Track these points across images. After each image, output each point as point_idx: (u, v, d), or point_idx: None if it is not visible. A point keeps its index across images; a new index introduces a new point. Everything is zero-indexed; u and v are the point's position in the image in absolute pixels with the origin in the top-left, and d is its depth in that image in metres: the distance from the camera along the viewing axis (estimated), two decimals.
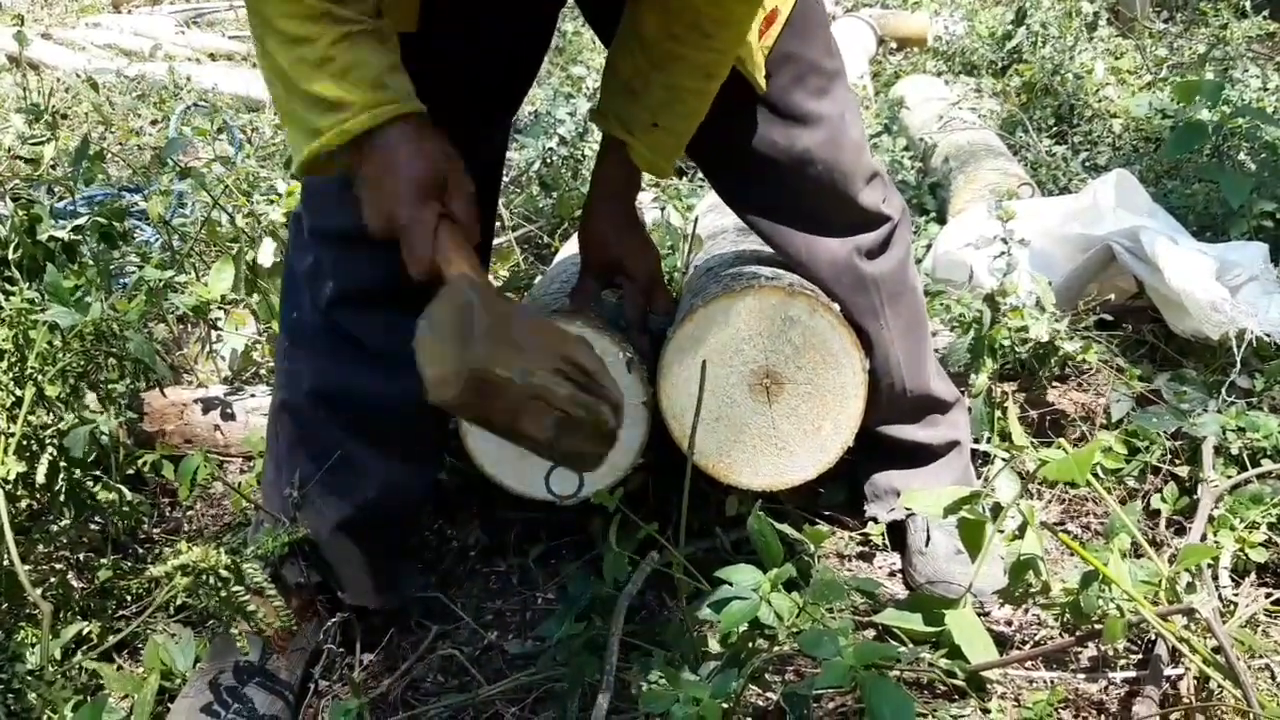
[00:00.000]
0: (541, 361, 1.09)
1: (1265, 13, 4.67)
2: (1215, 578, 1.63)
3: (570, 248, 2.37)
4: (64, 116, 4.56)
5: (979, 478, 1.90)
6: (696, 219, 2.26)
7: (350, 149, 1.21)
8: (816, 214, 1.63)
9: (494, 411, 1.09)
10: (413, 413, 1.58)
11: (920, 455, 1.81)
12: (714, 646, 1.53)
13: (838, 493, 1.89)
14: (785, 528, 1.52)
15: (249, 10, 1.22)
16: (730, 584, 1.42)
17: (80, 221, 2.13)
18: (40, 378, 1.62)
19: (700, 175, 3.56)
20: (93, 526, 1.82)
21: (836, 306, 1.61)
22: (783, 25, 1.51)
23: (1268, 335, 2.07)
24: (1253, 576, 1.68)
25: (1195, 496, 1.80)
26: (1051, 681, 1.51)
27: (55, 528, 1.72)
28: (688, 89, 1.45)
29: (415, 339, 1.10)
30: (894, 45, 5.59)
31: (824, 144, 1.58)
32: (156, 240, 2.74)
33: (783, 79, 1.54)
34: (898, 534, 1.83)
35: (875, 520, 1.84)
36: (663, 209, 2.71)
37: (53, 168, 2.62)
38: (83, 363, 1.73)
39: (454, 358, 1.06)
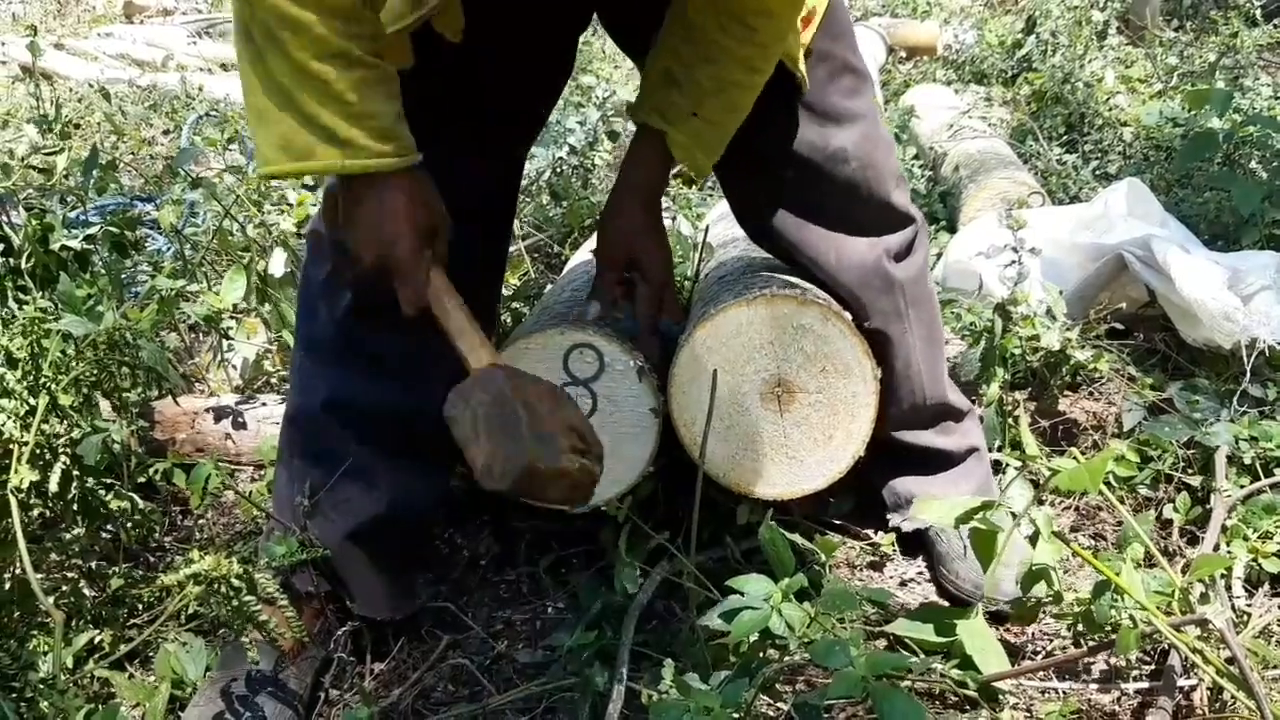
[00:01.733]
0: (563, 445, 1.26)
1: (1276, 21, 4.66)
2: (1229, 588, 1.62)
3: (581, 255, 2.37)
4: (77, 126, 4.58)
5: None
6: (708, 227, 2.26)
7: (340, 180, 1.30)
8: (849, 214, 1.62)
9: (526, 490, 1.26)
10: (426, 424, 1.58)
11: (940, 461, 1.80)
12: (725, 656, 1.52)
13: (847, 502, 1.89)
14: (796, 538, 1.52)
15: (252, 21, 1.22)
16: (741, 593, 1.42)
17: (92, 231, 2.14)
18: (54, 386, 1.62)
19: (711, 184, 3.57)
20: (105, 535, 1.82)
21: (849, 315, 1.61)
22: (817, 26, 1.51)
23: (1279, 343, 2.06)
24: (1266, 587, 1.67)
25: (1208, 506, 1.79)
26: (1064, 692, 1.51)
27: (68, 536, 1.72)
28: (732, 82, 1.43)
29: (450, 416, 1.28)
30: (904, 54, 5.60)
31: (859, 142, 1.58)
32: (169, 250, 2.75)
33: (817, 77, 1.54)
34: (915, 541, 1.82)
35: (899, 530, 1.82)
36: (674, 218, 2.71)
37: (65, 177, 2.63)
38: (95, 371, 1.73)
39: (504, 455, 1.23)
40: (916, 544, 1.83)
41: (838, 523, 1.88)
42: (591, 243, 2.33)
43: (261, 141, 1.26)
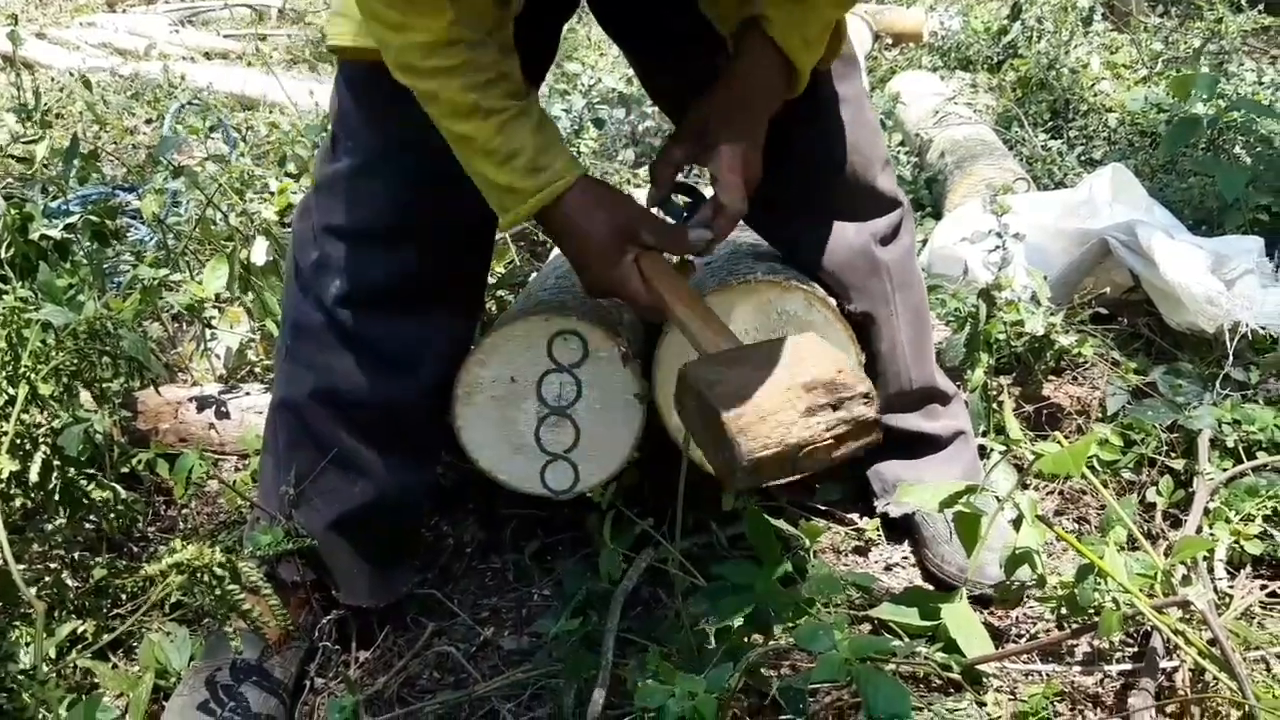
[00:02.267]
0: (792, 415, 1.13)
1: (1260, 6, 4.66)
2: (1211, 570, 1.63)
3: None
4: (59, 116, 4.55)
5: None
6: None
7: (538, 220, 1.35)
8: (834, 198, 1.62)
9: (779, 473, 1.15)
10: (416, 413, 1.58)
11: (926, 445, 1.80)
12: (710, 642, 1.53)
13: (833, 488, 1.89)
14: (781, 523, 1.52)
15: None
16: (726, 579, 1.42)
17: (72, 220, 2.13)
18: (33, 376, 1.61)
19: (696, 172, 3.56)
20: (87, 525, 1.81)
21: (832, 301, 1.61)
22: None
23: (1263, 328, 2.07)
24: (1248, 569, 1.68)
25: (1191, 489, 1.80)
26: (1047, 674, 1.51)
27: (50, 526, 1.72)
28: None
29: (685, 420, 1.25)
30: (889, 41, 5.59)
31: (847, 126, 1.57)
32: (151, 239, 2.73)
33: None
34: (900, 526, 1.83)
35: (885, 515, 1.82)
36: None
37: (45, 167, 2.61)
38: (76, 361, 1.72)
39: (729, 456, 1.12)
40: (902, 529, 1.83)
41: (823, 508, 1.88)
42: None
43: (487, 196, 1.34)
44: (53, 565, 1.72)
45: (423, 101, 1.28)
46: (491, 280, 2.39)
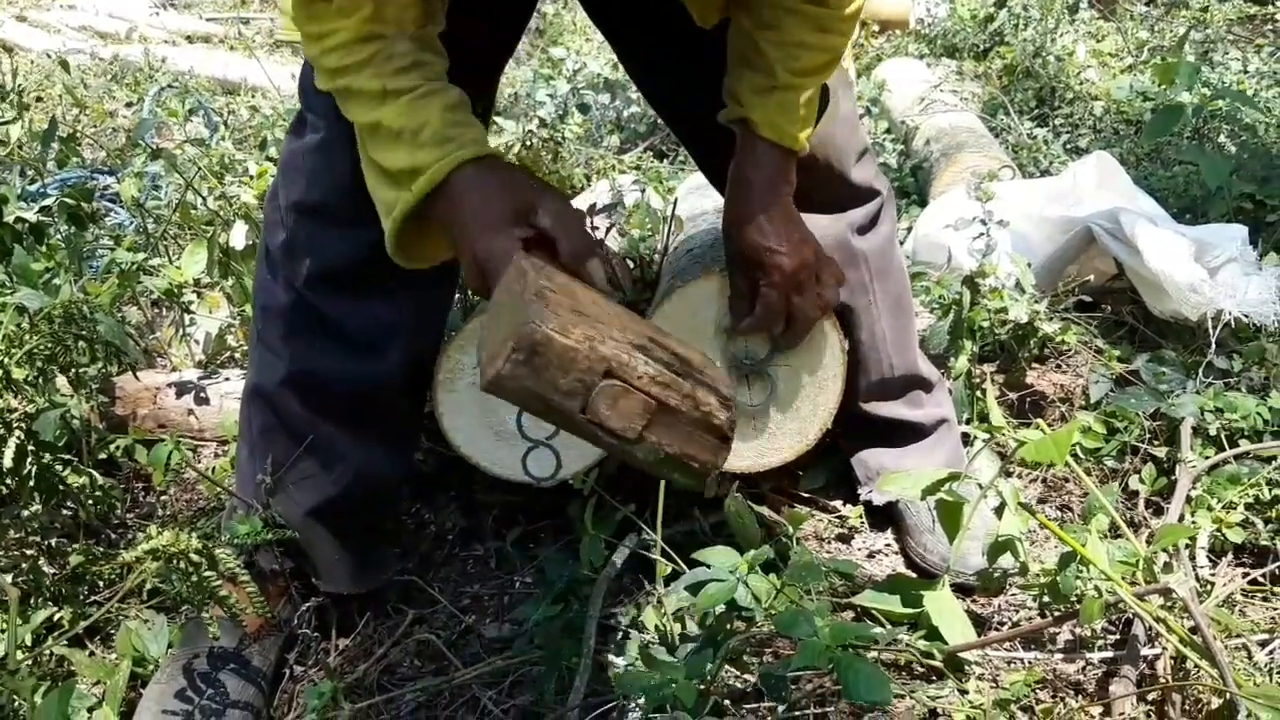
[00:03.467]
0: (616, 335, 0.91)
1: None
2: (1192, 558, 1.63)
3: None
4: (39, 99, 4.50)
5: None
6: (676, 200, 2.25)
7: (424, 213, 1.23)
8: (809, 190, 1.61)
9: (558, 393, 0.90)
10: (390, 396, 1.57)
11: (910, 433, 1.80)
12: (692, 628, 1.52)
13: (817, 476, 1.89)
14: (763, 509, 1.52)
15: (345, 108, 1.26)
16: (708, 565, 1.42)
17: (48, 203, 2.10)
18: (7, 360, 1.59)
19: (681, 158, 3.55)
20: (64, 511, 1.80)
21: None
22: None
23: (1245, 316, 2.07)
24: (1230, 557, 1.68)
25: (1173, 477, 1.80)
26: (1029, 662, 1.51)
27: (25, 513, 1.70)
28: (798, 43, 1.39)
29: (479, 336, 1.08)
30: (876, 28, 5.57)
31: (821, 118, 1.56)
32: (130, 223, 2.71)
33: None
34: (884, 514, 1.82)
35: (868, 503, 1.82)
36: (643, 191, 2.69)
37: (19, 148, 2.58)
38: (52, 345, 1.70)
39: (509, 332, 0.90)
40: (885, 517, 1.83)
41: (807, 496, 1.87)
42: None
43: (380, 212, 1.26)
44: (29, 552, 1.71)
45: (342, 105, 1.25)
46: None
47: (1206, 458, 1.83)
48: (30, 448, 1.64)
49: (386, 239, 1.25)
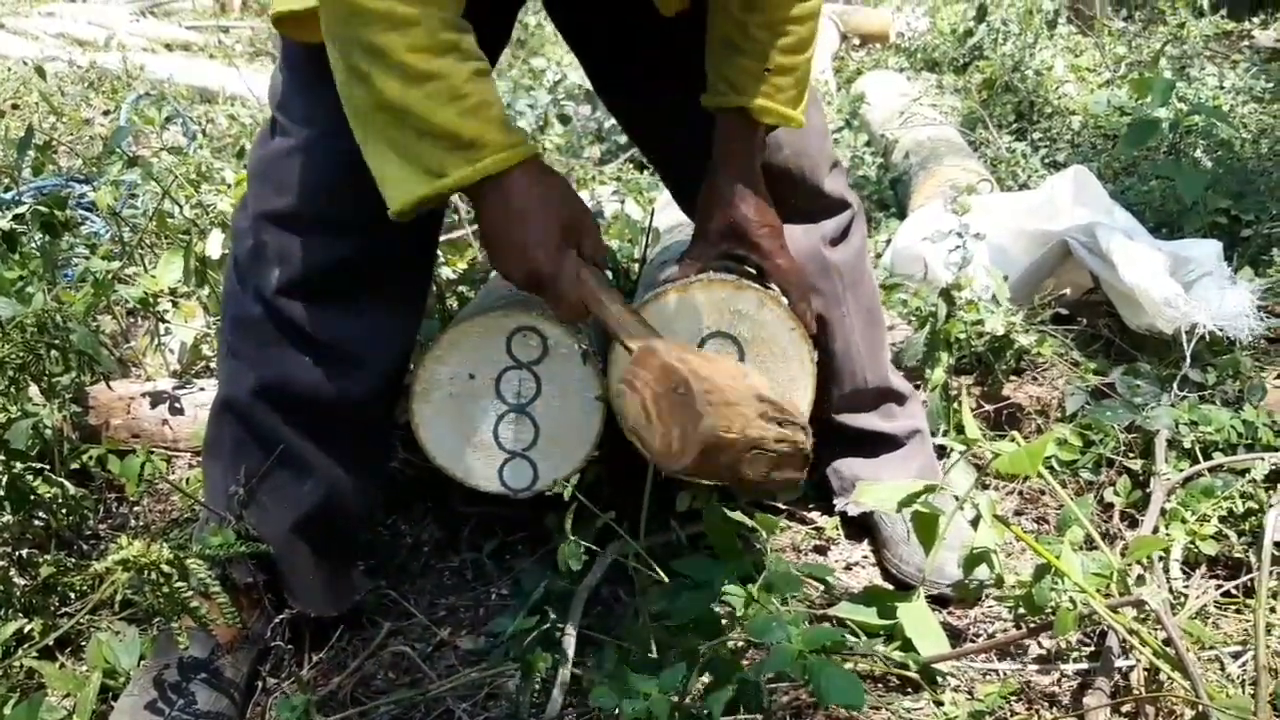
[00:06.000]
0: (750, 413, 1.16)
1: (1222, 12, 4.72)
2: (1166, 570, 1.64)
3: None
4: (15, 106, 4.47)
5: None
6: (653, 211, 2.25)
7: (469, 191, 1.22)
8: (782, 201, 1.61)
9: (719, 468, 1.16)
10: (361, 408, 1.55)
11: (883, 444, 1.81)
12: (669, 640, 1.51)
13: (795, 490, 1.88)
14: (739, 515, 1.52)
15: (353, 48, 1.18)
16: (686, 576, 1.41)
17: (22, 210, 2.08)
18: None
19: None
20: (36, 522, 1.78)
21: (785, 300, 1.60)
22: None
23: (1220, 330, 2.08)
24: (1203, 569, 1.69)
25: (1148, 489, 1.81)
26: (1004, 674, 1.51)
27: None
28: (787, 19, 1.39)
29: (619, 407, 1.23)
30: (856, 41, 5.61)
31: (791, 130, 1.56)
32: (106, 232, 2.69)
33: None
34: (860, 526, 1.82)
35: (845, 514, 1.82)
36: (622, 202, 2.70)
37: None
38: (24, 354, 1.69)
39: (682, 430, 1.14)
40: (861, 528, 1.83)
41: (783, 507, 1.87)
42: None
43: (392, 173, 1.21)
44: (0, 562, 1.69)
45: (387, 33, 1.15)
46: (452, 276, 2.37)
47: (1181, 470, 1.84)
48: (1, 457, 1.63)
49: (403, 193, 1.21)
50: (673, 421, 1.16)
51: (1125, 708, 1.40)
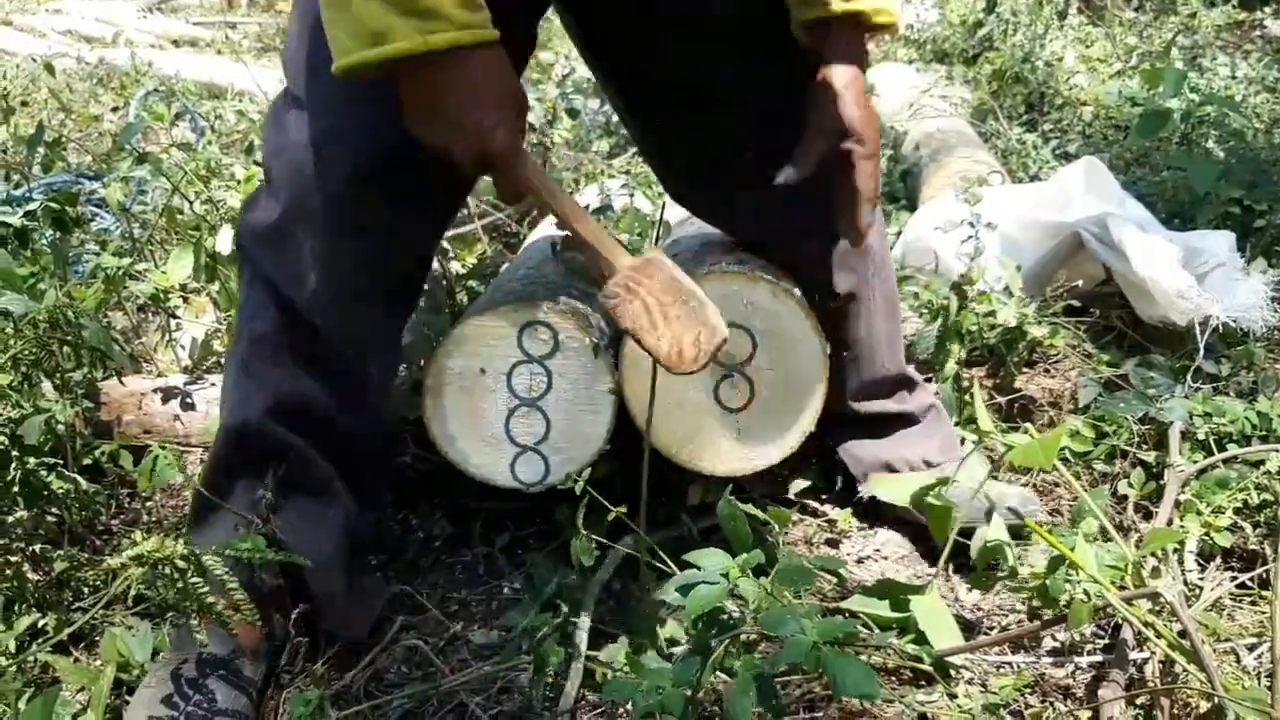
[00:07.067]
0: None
1: (1233, 2, 4.69)
2: (1181, 562, 1.63)
3: (538, 234, 2.35)
4: (24, 103, 4.48)
5: None
6: (664, 205, 2.24)
7: (416, 64, 1.14)
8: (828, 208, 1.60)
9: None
10: (364, 439, 1.54)
11: (901, 421, 1.81)
12: (682, 633, 1.51)
13: (804, 480, 1.88)
14: (751, 508, 1.51)
15: None
16: (698, 568, 1.41)
17: (33, 207, 2.09)
18: None
19: None
20: (49, 517, 1.78)
21: (798, 292, 1.60)
22: None
23: (1233, 321, 2.07)
24: (1218, 561, 1.68)
25: (1162, 481, 1.80)
26: (1018, 666, 1.51)
27: (10, 518, 1.69)
28: None
29: (614, 306, 1.25)
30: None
31: None
32: (116, 228, 2.69)
33: None
34: (873, 512, 1.82)
35: (856, 504, 1.81)
36: (631, 195, 2.69)
37: (4, 152, 2.56)
38: (36, 350, 1.69)
39: (696, 338, 1.24)
40: (876, 516, 1.83)
41: (793, 499, 1.87)
42: (547, 224, 2.31)
43: (338, 32, 1.15)
44: (13, 557, 1.69)
45: None
46: (461, 271, 2.37)
47: (1195, 462, 1.83)
48: (14, 453, 1.63)
49: (340, 54, 1.15)
50: (683, 329, 1.24)
51: (1140, 700, 1.39)
